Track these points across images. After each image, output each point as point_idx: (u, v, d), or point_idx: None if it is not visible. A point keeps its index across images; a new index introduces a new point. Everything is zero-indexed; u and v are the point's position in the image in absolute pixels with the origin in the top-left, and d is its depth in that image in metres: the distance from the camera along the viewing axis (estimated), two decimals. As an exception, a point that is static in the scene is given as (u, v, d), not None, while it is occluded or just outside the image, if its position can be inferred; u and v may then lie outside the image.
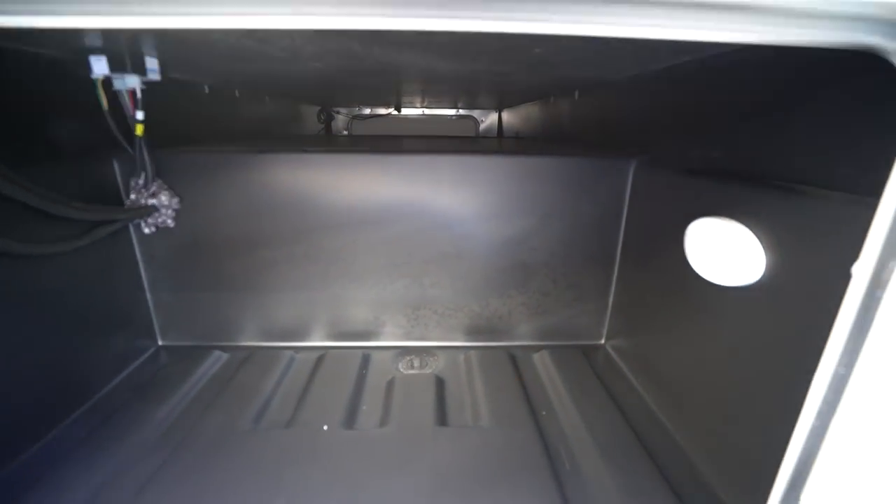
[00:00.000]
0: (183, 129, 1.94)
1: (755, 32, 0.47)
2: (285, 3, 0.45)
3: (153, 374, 1.59)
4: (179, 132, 1.84)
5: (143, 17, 0.47)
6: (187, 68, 1.65)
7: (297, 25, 0.46)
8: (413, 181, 1.66)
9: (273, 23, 0.46)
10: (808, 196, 0.90)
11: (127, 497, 1.06)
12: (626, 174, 1.62)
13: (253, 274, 1.72)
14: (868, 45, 0.48)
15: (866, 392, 0.59)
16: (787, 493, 0.71)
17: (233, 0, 0.45)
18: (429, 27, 0.46)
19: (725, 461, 1.12)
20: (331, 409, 1.40)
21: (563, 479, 1.15)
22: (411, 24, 0.45)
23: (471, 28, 0.45)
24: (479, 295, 1.78)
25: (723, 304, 1.13)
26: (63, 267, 1.33)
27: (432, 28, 0.46)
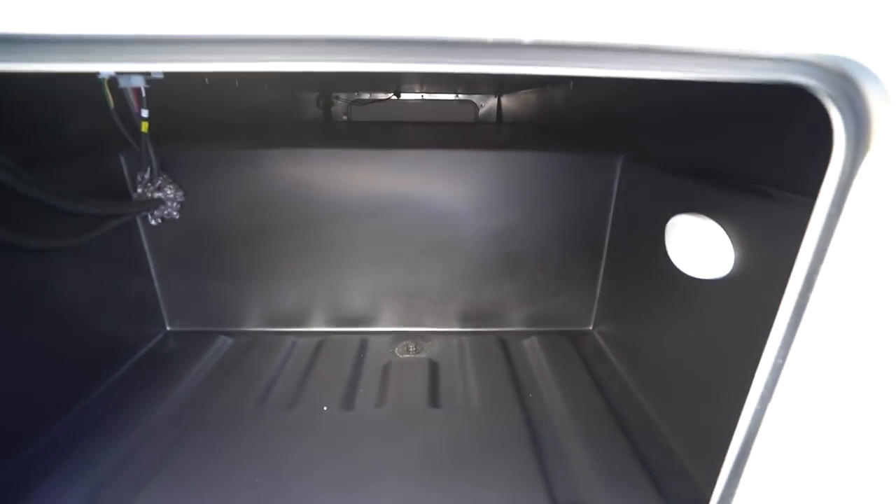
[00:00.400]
0: (186, 122, 1.99)
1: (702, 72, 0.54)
2: (269, 51, 0.51)
3: (163, 359, 1.68)
4: (182, 126, 1.90)
5: (129, 64, 0.53)
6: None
7: (279, 69, 0.53)
8: (408, 175, 1.72)
9: (255, 67, 0.53)
10: (773, 198, 0.96)
11: (146, 470, 1.16)
12: (614, 170, 1.68)
13: (256, 263, 1.80)
14: (798, 83, 0.54)
15: (796, 381, 0.67)
16: (734, 468, 0.80)
17: (216, 50, 0.51)
18: (418, 69, 0.53)
19: (695, 440, 1.21)
20: (330, 391, 1.50)
21: (545, 457, 1.25)
22: (395, 68, 0.51)
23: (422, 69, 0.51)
24: (472, 283, 1.86)
25: (697, 296, 1.21)
26: (76, 259, 1.40)
27: (422, 70, 0.53)
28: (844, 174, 0.60)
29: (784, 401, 0.68)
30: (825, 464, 0.72)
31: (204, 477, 1.15)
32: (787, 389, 0.68)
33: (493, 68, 0.52)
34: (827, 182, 0.62)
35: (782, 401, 0.69)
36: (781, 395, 0.69)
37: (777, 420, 0.70)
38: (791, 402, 0.68)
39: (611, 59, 0.52)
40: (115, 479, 1.15)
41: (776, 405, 0.69)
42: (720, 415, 1.10)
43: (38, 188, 1.18)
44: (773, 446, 0.71)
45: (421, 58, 0.51)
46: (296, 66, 0.56)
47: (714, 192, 1.14)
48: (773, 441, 0.71)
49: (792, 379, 0.67)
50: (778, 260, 0.93)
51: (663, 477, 1.18)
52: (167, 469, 1.18)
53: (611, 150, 1.70)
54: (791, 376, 0.67)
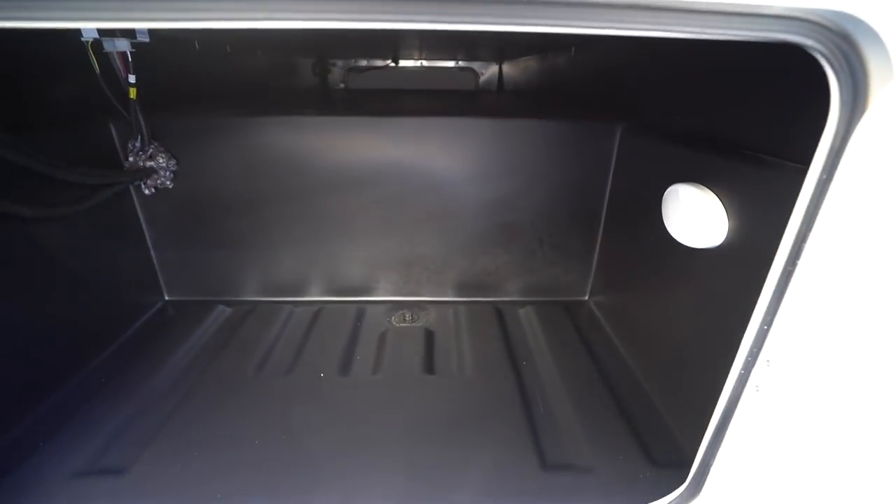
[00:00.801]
0: (176, 90, 1.95)
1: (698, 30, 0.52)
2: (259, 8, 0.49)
3: (162, 327, 1.70)
4: (172, 94, 1.85)
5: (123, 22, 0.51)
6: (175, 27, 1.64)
7: (273, 26, 0.51)
8: (404, 143, 1.70)
9: (249, 25, 0.51)
10: (768, 166, 0.95)
11: (149, 431, 1.20)
12: (613, 138, 1.65)
13: (252, 233, 1.80)
14: (794, 42, 0.52)
15: (780, 347, 0.68)
16: (717, 431, 0.82)
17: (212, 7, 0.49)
18: (417, 27, 0.51)
19: (683, 406, 1.23)
20: (327, 358, 1.53)
21: (537, 423, 1.28)
22: (393, 25, 0.49)
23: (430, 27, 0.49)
24: (468, 253, 1.86)
25: (691, 266, 1.21)
26: (71, 228, 1.40)
27: (420, 27, 0.51)
28: (838, 138, 0.59)
29: (767, 367, 0.69)
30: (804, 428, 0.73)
31: (205, 437, 1.19)
32: (771, 355, 0.69)
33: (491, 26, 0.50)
34: (820, 146, 0.61)
35: (766, 367, 0.70)
36: (765, 361, 0.70)
37: (760, 385, 0.71)
38: (774, 369, 0.69)
39: (608, 16, 0.50)
40: (119, 439, 1.18)
41: (759, 371, 0.71)
42: (707, 381, 1.12)
43: (30, 157, 1.16)
44: (755, 410, 0.73)
45: (419, 15, 0.49)
46: (288, 23, 0.53)
47: (711, 160, 1.13)
48: (755, 405, 0.73)
49: (776, 345, 0.68)
50: (770, 228, 0.92)
51: (651, 441, 1.21)
52: (169, 430, 1.21)
53: (611, 118, 1.67)
54: (776, 343, 0.68)
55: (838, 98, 0.58)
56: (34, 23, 0.49)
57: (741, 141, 1.09)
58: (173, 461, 1.11)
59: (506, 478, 1.08)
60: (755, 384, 0.71)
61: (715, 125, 1.21)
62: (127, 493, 1.02)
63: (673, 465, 1.12)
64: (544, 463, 1.13)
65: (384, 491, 1.03)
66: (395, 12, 0.51)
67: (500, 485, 1.05)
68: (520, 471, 1.10)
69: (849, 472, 0.75)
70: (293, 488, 1.04)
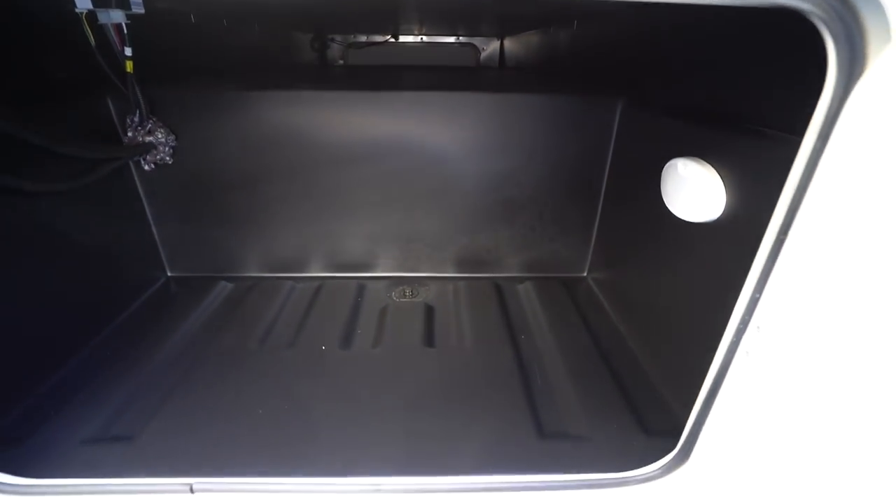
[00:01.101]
0: (172, 64, 1.93)
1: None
2: None
3: (165, 302, 1.73)
4: (169, 68, 1.84)
5: None
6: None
7: None
8: (405, 118, 1.69)
9: None
10: (765, 138, 0.95)
11: (154, 403, 1.23)
12: (614, 113, 1.64)
13: (252, 209, 1.80)
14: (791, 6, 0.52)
15: (769, 314, 0.69)
16: (708, 396, 0.84)
17: None
18: None
19: (677, 378, 1.26)
20: (329, 332, 1.55)
21: (534, 394, 1.31)
22: None
23: None
24: (468, 229, 1.87)
25: (688, 240, 1.22)
26: (73, 204, 1.41)
27: None
28: (834, 104, 0.59)
29: (758, 332, 0.71)
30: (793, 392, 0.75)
31: (210, 407, 1.22)
32: (762, 321, 0.70)
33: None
34: (816, 113, 0.62)
35: (756, 332, 0.71)
36: (755, 327, 0.71)
37: (750, 350, 0.73)
38: (765, 334, 0.70)
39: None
40: (128, 409, 1.22)
41: (750, 336, 0.72)
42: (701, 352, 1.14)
43: (29, 130, 1.16)
44: (746, 375, 0.74)
45: None
46: None
47: (710, 134, 1.13)
48: (745, 370, 0.74)
49: (767, 312, 0.69)
50: (767, 201, 0.93)
51: (644, 411, 1.24)
52: (175, 400, 1.24)
53: (611, 93, 1.65)
54: (766, 309, 0.69)
55: (835, 62, 0.58)
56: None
57: (740, 114, 1.08)
58: (180, 430, 1.14)
59: (504, 445, 1.11)
60: (746, 349, 0.73)
61: (714, 99, 1.20)
62: (137, 459, 1.05)
63: (665, 433, 1.14)
64: (541, 432, 1.16)
65: (385, 458, 1.06)
66: None
67: (499, 452, 1.08)
68: (518, 439, 1.13)
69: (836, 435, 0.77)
70: (297, 455, 1.07)
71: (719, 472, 0.86)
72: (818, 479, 0.80)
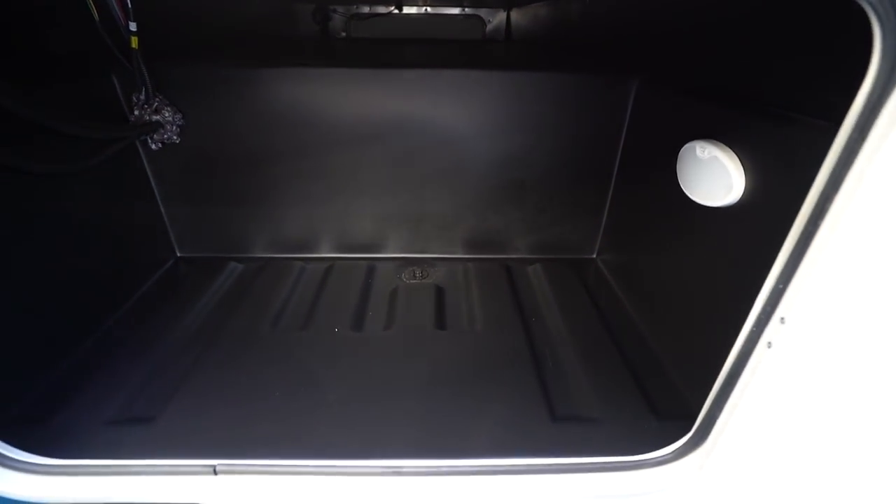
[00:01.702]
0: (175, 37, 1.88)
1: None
2: None
3: (176, 283, 1.73)
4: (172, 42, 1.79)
5: None
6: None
7: None
8: (414, 96, 1.65)
9: None
10: (791, 122, 0.92)
11: (173, 382, 1.25)
12: (629, 92, 1.60)
13: (261, 188, 1.79)
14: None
15: (795, 307, 0.69)
16: (725, 383, 0.85)
17: None
18: None
19: (689, 362, 1.27)
20: (340, 314, 1.56)
21: (546, 376, 1.32)
22: None
23: None
24: (478, 209, 1.86)
25: (704, 224, 1.21)
26: (80, 185, 1.40)
27: None
28: (875, 93, 0.57)
29: (781, 324, 0.71)
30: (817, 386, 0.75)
31: (226, 389, 1.24)
32: (787, 313, 0.70)
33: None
34: (856, 102, 0.60)
35: (780, 324, 0.71)
36: (779, 319, 0.71)
37: (773, 342, 0.73)
38: (789, 327, 0.70)
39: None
40: (145, 390, 1.23)
41: (773, 328, 0.72)
42: (715, 338, 1.15)
43: (36, 109, 1.14)
44: (767, 366, 0.75)
45: None
46: None
47: (729, 116, 1.10)
48: (766, 361, 0.74)
49: (793, 304, 0.69)
50: (791, 187, 0.91)
51: (655, 395, 1.25)
52: (191, 382, 1.26)
53: (626, 71, 1.61)
54: (792, 302, 0.69)
55: (880, 48, 0.56)
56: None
57: (762, 96, 1.05)
58: (199, 411, 1.16)
59: (517, 429, 1.12)
60: (767, 340, 0.73)
61: (735, 80, 1.16)
62: (158, 440, 1.07)
63: (676, 417, 1.16)
64: (553, 415, 1.18)
65: (401, 441, 1.08)
66: None
67: (512, 435, 1.10)
68: (530, 422, 1.15)
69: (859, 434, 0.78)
70: (314, 437, 1.09)
71: (733, 459, 0.87)
72: (835, 475, 0.82)
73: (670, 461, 0.97)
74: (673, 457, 0.97)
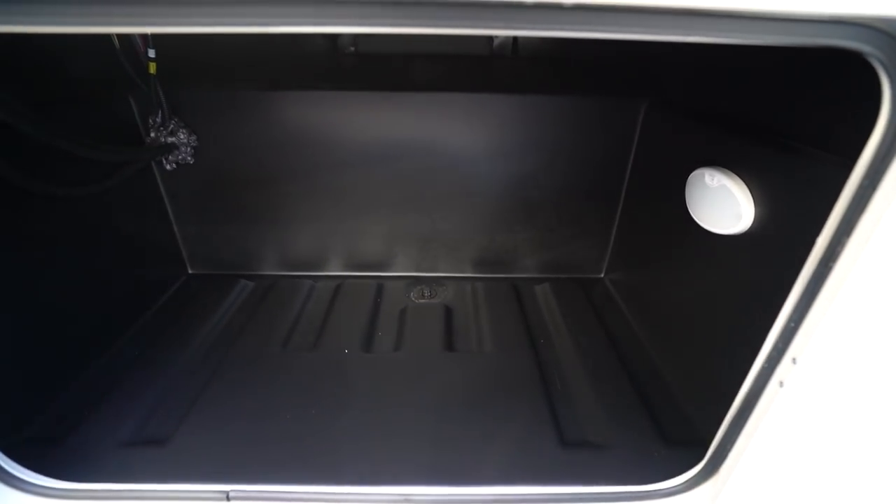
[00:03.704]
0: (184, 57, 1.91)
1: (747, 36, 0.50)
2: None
3: (187, 301, 1.75)
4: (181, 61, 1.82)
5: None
6: None
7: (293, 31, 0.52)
8: (423, 118, 1.68)
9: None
10: (801, 154, 0.94)
11: (185, 403, 1.26)
12: (637, 115, 1.62)
13: (271, 207, 1.81)
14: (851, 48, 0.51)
15: (806, 347, 0.69)
16: (736, 417, 0.85)
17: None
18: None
19: (698, 388, 1.27)
20: (350, 334, 1.57)
21: (555, 398, 1.32)
22: (430, 31, 0.49)
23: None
24: (486, 229, 1.87)
25: (712, 250, 1.21)
26: (96, 204, 1.42)
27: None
28: (887, 139, 0.58)
29: (793, 365, 0.71)
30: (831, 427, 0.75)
31: (237, 411, 1.24)
32: (799, 354, 0.71)
33: (530, 32, 0.49)
34: (867, 148, 0.61)
35: (791, 364, 0.72)
36: (791, 359, 0.71)
37: (784, 381, 0.73)
38: (802, 368, 0.71)
39: (654, 22, 0.49)
40: (158, 410, 1.25)
41: (784, 367, 0.73)
42: (723, 366, 1.15)
43: (57, 136, 1.17)
44: (779, 404, 0.75)
45: (456, 20, 0.48)
46: (311, 28, 0.54)
47: (739, 144, 1.11)
48: (778, 399, 0.75)
49: (805, 345, 0.69)
50: (800, 219, 0.92)
51: (664, 419, 1.25)
52: (203, 403, 1.27)
53: (634, 93, 1.63)
54: (804, 342, 0.69)
55: (889, 100, 0.57)
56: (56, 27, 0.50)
57: (774, 127, 1.07)
58: (211, 434, 1.17)
59: (527, 455, 1.13)
60: (779, 380, 0.73)
61: (746, 108, 1.17)
62: (171, 463, 1.08)
63: (685, 444, 1.16)
64: (563, 440, 1.18)
65: (411, 466, 1.08)
66: (433, 17, 0.52)
67: (522, 462, 1.10)
68: (540, 448, 1.15)
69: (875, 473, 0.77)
70: (326, 460, 1.09)
71: (747, 492, 0.88)
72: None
73: (682, 491, 0.97)
74: (685, 487, 0.97)
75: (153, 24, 0.55)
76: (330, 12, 0.49)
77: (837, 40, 0.51)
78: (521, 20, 0.48)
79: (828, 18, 0.49)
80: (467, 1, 0.46)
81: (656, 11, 0.47)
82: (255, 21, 0.53)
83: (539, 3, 0.46)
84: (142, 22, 0.55)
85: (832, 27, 0.50)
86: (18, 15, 0.53)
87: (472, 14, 0.48)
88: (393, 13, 0.49)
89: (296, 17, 0.52)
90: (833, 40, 0.50)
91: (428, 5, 0.47)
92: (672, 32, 0.49)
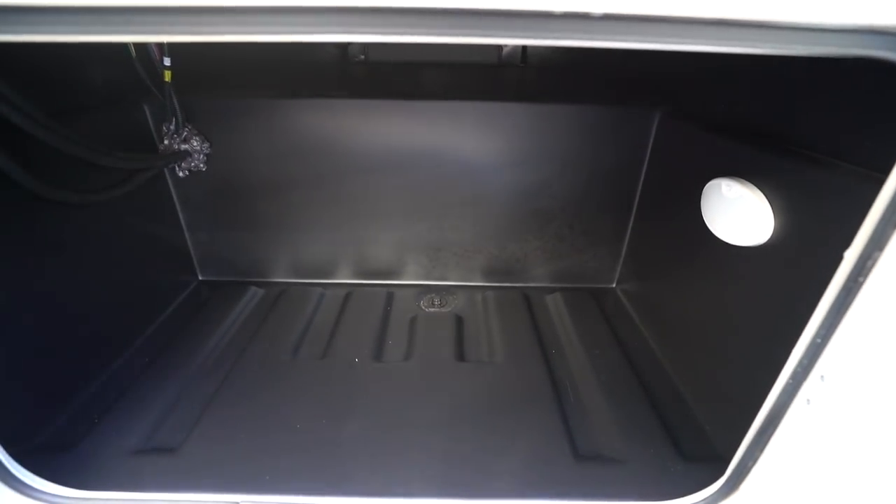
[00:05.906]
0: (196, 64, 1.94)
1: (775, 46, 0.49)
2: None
3: (198, 308, 1.75)
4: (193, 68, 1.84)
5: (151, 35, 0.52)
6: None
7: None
8: (434, 127, 1.68)
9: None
10: (823, 165, 0.92)
11: (195, 411, 1.25)
12: (650, 124, 1.60)
13: (282, 215, 1.82)
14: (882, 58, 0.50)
15: (835, 364, 0.67)
16: (759, 434, 0.83)
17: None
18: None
19: (714, 402, 1.24)
20: (360, 343, 1.56)
21: (567, 410, 1.30)
22: (453, 40, 0.49)
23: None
24: (497, 238, 1.86)
25: (729, 262, 1.19)
26: (111, 211, 1.43)
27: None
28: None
29: (821, 382, 0.69)
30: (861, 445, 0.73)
31: (248, 420, 1.24)
32: (827, 371, 0.69)
33: (558, 42, 0.48)
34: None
35: (819, 381, 0.70)
36: (819, 376, 0.69)
37: (811, 399, 0.71)
38: (830, 385, 0.69)
39: (685, 32, 0.48)
40: (168, 418, 1.24)
41: (812, 384, 0.71)
42: (742, 380, 1.13)
43: (75, 144, 1.18)
44: (806, 422, 0.73)
45: (482, 30, 0.48)
46: (324, 36, 0.54)
47: (757, 155, 1.10)
48: (805, 417, 0.73)
49: (834, 362, 0.67)
50: (822, 231, 0.90)
51: (679, 433, 1.23)
52: (213, 411, 1.26)
53: (648, 102, 1.62)
54: (833, 359, 0.67)
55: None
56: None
57: (791, 137, 1.05)
58: (221, 442, 1.16)
59: (540, 468, 1.11)
60: (806, 397, 0.71)
61: (764, 118, 1.16)
62: (181, 472, 1.07)
63: (702, 459, 1.13)
64: (577, 453, 1.16)
65: (423, 478, 1.07)
66: (457, 27, 0.51)
67: (535, 475, 1.08)
68: (554, 461, 1.13)
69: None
70: (337, 471, 1.08)
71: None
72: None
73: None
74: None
75: (170, 32, 0.56)
76: (352, 20, 0.49)
77: (869, 50, 0.49)
78: (549, 30, 0.47)
79: (860, 28, 0.48)
80: (496, 10, 0.45)
81: (687, 22, 0.46)
82: (268, 30, 0.54)
83: (568, 13, 0.45)
84: (159, 31, 0.56)
85: (863, 37, 0.48)
86: (43, 25, 0.53)
87: (501, 24, 0.47)
88: (422, 22, 0.49)
89: (308, 27, 0.52)
90: (865, 50, 0.49)
91: (459, 15, 0.46)
92: (703, 43, 0.48)
